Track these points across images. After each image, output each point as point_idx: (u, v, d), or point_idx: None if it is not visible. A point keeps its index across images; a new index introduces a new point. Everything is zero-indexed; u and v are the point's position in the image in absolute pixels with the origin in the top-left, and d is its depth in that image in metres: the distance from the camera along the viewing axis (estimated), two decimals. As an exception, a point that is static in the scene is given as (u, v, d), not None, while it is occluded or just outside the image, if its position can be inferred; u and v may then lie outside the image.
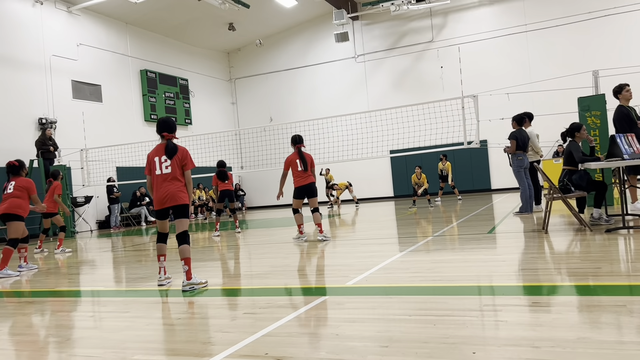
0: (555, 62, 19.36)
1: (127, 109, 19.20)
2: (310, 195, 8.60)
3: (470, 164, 20.97)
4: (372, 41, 22.60)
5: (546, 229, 7.14)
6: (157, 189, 5.40)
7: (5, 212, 7.37)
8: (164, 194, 5.34)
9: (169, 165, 5.37)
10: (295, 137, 8.77)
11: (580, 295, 3.87)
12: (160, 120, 5.61)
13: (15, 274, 7.46)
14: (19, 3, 15.55)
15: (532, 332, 2.96)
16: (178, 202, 5.36)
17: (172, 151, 5.37)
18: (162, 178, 5.38)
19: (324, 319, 3.65)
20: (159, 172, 5.39)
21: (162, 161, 5.39)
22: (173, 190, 5.34)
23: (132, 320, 4.18)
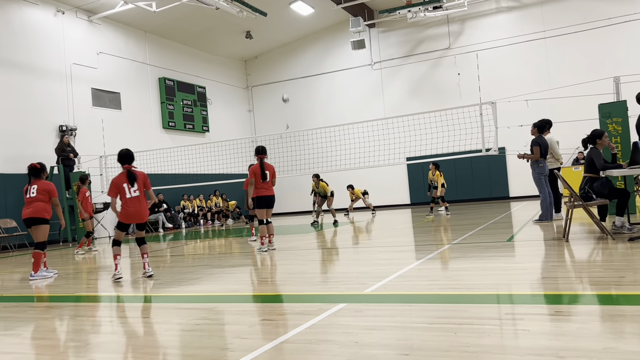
0: (574, 69, 19.15)
1: (146, 116, 19.42)
2: (269, 206, 8.87)
3: (488, 172, 20.80)
4: (389, 48, 22.59)
5: (567, 237, 7.03)
6: (128, 208, 6.75)
7: (31, 216, 7.51)
8: (134, 213, 6.77)
9: (137, 189, 6.78)
10: (258, 148, 9.00)
11: (603, 304, 3.80)
12: (120, 153, 6.94)
13: (50, 274, 7.67)
14: (41, 12, 15.85)
15: (555, 342, 2.90)
16: (144, 219, 6.95)
17: (133, 178, 6.77)
18: (132, 200, 6.75)
19: (342, 327, 3.62)
20: (129, 196, 6.75)
21: (131, 187, 6.76)
22: (141, 210, 6.81)
23: (151, 325, 4.20)
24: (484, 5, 20.85)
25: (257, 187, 8.84)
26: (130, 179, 6.76)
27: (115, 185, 6.77)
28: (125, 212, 6.76)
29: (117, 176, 6.88)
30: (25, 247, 14.08)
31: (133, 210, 6.74)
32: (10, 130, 14.55)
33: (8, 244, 13.73)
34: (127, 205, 6.75)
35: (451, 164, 20.68)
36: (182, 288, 5.90)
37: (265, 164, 8.92)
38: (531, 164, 9.78)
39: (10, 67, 14.78)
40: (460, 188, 21.29)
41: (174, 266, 8.01)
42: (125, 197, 6.74)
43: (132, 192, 6.73)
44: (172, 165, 17.92)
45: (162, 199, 18.34)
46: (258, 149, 9.00)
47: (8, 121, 14.53)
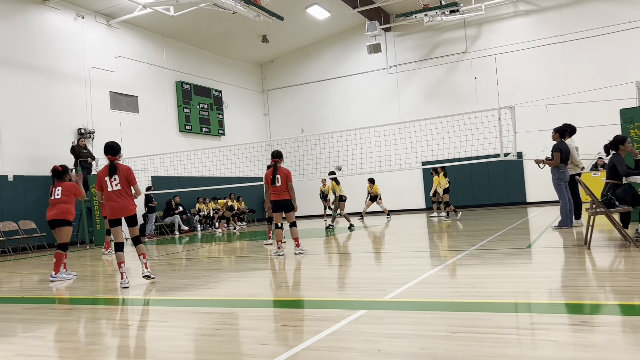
0: (593, 73, 18.91)
1: (163, 119, 19.57)
2: (286, 210, 8.87)
3: (505, 176, 20.60)
4: (405, 52, 22.52)
5: (589, 244, 6.92)
6: (110, 202, 6.58)
7: (55, 217, 7.64)
8: (117, 207, 6.58)
9: (118, 183, 6.57)
10: (274, 152, 9.05)
11: (628, 315, 3.72)
12: (105, 145, 6.77)
13: (69, 276, 7.76)
14: (61, 17, 16.06)
15: (584, 354, 2.84)
16: (128, 213, 6.63)
17: (113, 171, 6.56)
18: (114, 194, 6.57)
19: (364, 334, 3.59)
20: (110, 189, 6.58)
21: (112, 180, 6.57)
22: (123, 203, 6.59)
23: (170, 329, 4.20)
24: (502, 9, 20.70)
25: (271, 192, 8.93)
26: (111, 171, 6.57)
27: (98, 179, 6.66)
28: (109, 206, 6.61)
29: (101, 169, 6.78)
30: (44, 249, 14.25)
31: (115, 205, 6.57)
32: (29, 132, 14.75)
33: (27, 245, 13.90)
34: (109, 199, 6.60)
35: (467, 169, 20.53)
36: (199, 292, 5.91)
37: (279, 168, 8.93)
38: (552, 169, 9.66)
39: (30, 70, 14.99)
40: (477, 193, 21.13)
41: (190, 269, 8.03)
42: (107, 190, 6.59)
43: (114, 185, 6.55)
44: (189, 168, 18.01)
45: (179, 202, 18.44)
46: (273, 153, 9.08)
47: (28, 124, 14.73)
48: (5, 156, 14.11)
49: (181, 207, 18.48)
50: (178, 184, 18.17)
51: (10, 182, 14.09)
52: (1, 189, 13.82)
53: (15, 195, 14.12)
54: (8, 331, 4.52)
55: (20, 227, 13.85)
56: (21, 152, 14.48)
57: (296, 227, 9.05)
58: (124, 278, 6.53)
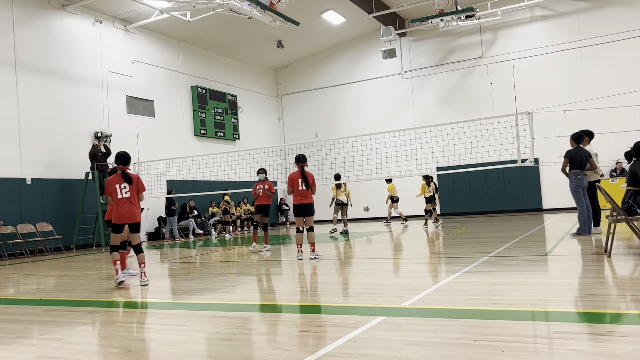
0: (611, 79, 18.69)
1: (178, 123, 19.69)
2: (306, 214, 8.90)
3: (520, 183, 20.41)
4: (420, 57, 22.45)
5: (609, 252, 6.81)
6: (119, 208, 6.94)
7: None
8: (126, 213, 6.94)
9: (128, 190, 6.97)
10: (299, 156, 9.10)
11: (657, 325, 3.64)
12: (117, 154, 7.20)
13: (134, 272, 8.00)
14: (80, 22, 16.26)
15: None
16: (136, 219, 7.03)
17: (128, 179, 6.97)
18: (124, 201, 6.95)
19: (384, 341, 3.55)
20: (120, 196, 6.95)
21: (122, 187, 6.95)
22: (132, 210, 6.97)
23: (189, 333, 4.19)
24: (518, 14, 20.56)
25: (296, 196, 8.90)
26: (125, 179, 6.97)
27: (109, 185, 6.99)
28: (118, 212, 6.95)
29: (111, 177, 7.08)
30: (60, 251, 14.38)
31: (125, 211, 6.93)
32: (48, 136, 14.92)
33: (44, 247, 14.04)
34: (119, 205, 6.95)
35: (483, 175, 20.39)
36: (216, 295, 5.91)
37: (306, 172, 9.01)
38: (570, 175, 9.54)
39: (49, 75, 15.18)
40: (492, 199, 20.96)
41: (206, 273, 8.05)
42: (117, 197, 6.96)
43: (124, 193, 6.94)
44: (203, 172, 18.11)
45: (193, 205, 18.52)
46: (298, 157, 9.09)
47: (46, 127, 14.90)
48: (24, 159, 14.28)
49: (195, 211, 18.55)
50: (193, 187, 18.26)
51: (29, 185, 14.25)
52: (19, 191, 13.99)
53: (33, 197, 14.28)
54: (27, 333, 4.56)
55: (38, 230, 14.00)
56: (39, 155, 14.65)
57: (313, 231, 9.07)
58: (118, 274, 7.06)
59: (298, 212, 8.92)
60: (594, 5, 19.41)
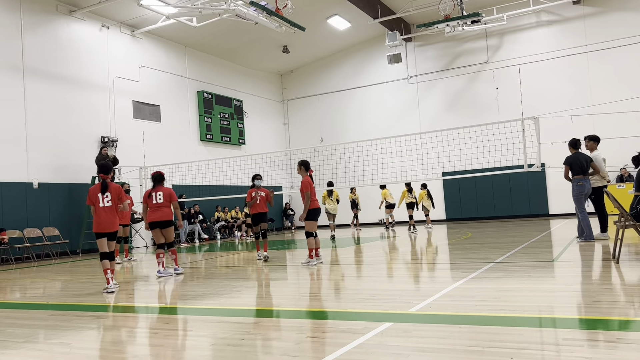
0: (617, 84, 18.64)
1: (184, 128, 19.76)
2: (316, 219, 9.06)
3: (527, 188, 20.33)
4: (425, 62, 22.46)
5: (617, 258, 6.76)
6: (99, 217, 7.08)
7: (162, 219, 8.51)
8: (104, 222, 7.07)
9: (110, 200, 7.11)
10: (308, 163, 9.12)
11: (667, 332, 3.61)
12: (99, 164, 7.50)
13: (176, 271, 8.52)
14: (87, 28, 16.36)
15: (622, 372, 2.76)
16: (113, 229, 7.17)
17: (105, 188, 7.12)
18: (104, 210, 7.10)
19: (392, 347, 3.53)
20: (101, 205, 7.10)
21: (104, 197, 7.11)
22: (111, 219, 7.12)
23: (196, 339, 4.19)
24: (524, 19, 20.55)
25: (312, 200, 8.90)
26: (103, 189, 7.11)
27: (91, 194, 7.17)
28: (97, 220, 7.11)
29: (93, 186, 7.27)
30: (66, 255, 14.42)
31: (103, 220, 7.07)
32: (54, 140, 14.99)
33: (51, 252, 14.08)
34: (98, 214, 7.11)
35: (489, 180, 20.32)
36: (223, 300, 5.91)
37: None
38: (572, 181, 9.53)
39: (56, 80, 15.27)
40: (498, 204, 20.89)
41: (212, 278, 8.04)
42: (99, 206, 7.12)
43: (105, 202, 7.09)
44: (209, 176, 18.14)
45: (198, 210, 18.55)
46: (308, 163, 9.08)
47: (53, 132, 14.98)
48: (31, 164, 14.35)
49: (201, 216, 18.58)
50: (198, 192, 18.29)
51: (35, 189, 14.32)
52: (26, 196, 14.05)
53: (39, 202, 14.34)
54: (34, 337, 4.56)
55: (44, 234, 14.05)
56: (46, 160, 14.72)
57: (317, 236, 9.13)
58: (109, 283, 7.03)
59: (315, 217, 8.93)
60: (600, 10, 19.37)
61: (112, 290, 6.97)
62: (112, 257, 7.19)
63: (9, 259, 13.12)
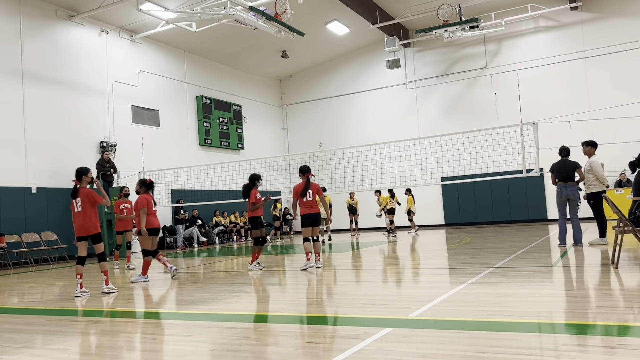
0: (616, 89, 18.69)
1: (183, 133, 19.76)
2: (314, 224, 8.99)
3: (525, 193, 20.35)
4: (424, 68, 22.51)
5: (616, 263, 6.76)
6: (75, 221, 7.23)
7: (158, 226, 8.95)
8: (78, 227, 7.19)
9: (81, 205, 7.19)
10: (304, 167, 9.19)
11: (667, 338, 3.60)
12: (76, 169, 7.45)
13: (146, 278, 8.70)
14: (87, 32, 16.39)
15: (623, 378, 2.75)
16: (91, 232, 7.21)
17: (74, 194, 7.24)
18: (77, 215, 7.21)
19: (392, 353, 3.53)
20: (76, 210, 7.23)
21: (77, 202, 7.22)
22: (85, 223, 7.18)
23: (195, 344, 4.17)
24: (522, 25, 20.62)
25: (302, 206, 8.96)
26: (73, 194, 7.26)
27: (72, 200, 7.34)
28: (75, 225, 7.26)
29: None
30: (64, 260, 14.38)
31: (78, 224, 7.21)
32: (53, 145, 14.98)
33: (49, 257, 14.04)
34: (75, 219, 7.26)
35: (487, 185, 20.33)
36: (221, 306, 5.89)
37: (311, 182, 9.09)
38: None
39: (55, 84, 15.28)
40: (497, 210, 20.90)
41: (211, 283, 8.02)
42: (74, 211, 7.28)
43: (77, 207, 7.22)
44: (208, 181, 18.12)
45: (197, 215, 18.53)
46: (304, 168, 9.18)
47: (52, 136, 14.97)
48: (29, 168, 14.34)
49: (200, 220, 18.56)
50: (197, 197, 18.27)
51: (34, 194, 14.29)
52: (24, 200, 14.02)
53: (38, 206, 14.31)
54: (33, 342, 4.54)
55: (43, 239, 14.01)
56: (45, 165, 14.70)
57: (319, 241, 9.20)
58: (77, 288, 7.15)
59: (307, 222, 8.95)
60: (598, 16, 19.46)
61: (78, 295, 7.07)
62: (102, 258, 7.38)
63: (7, 263, 13.08)
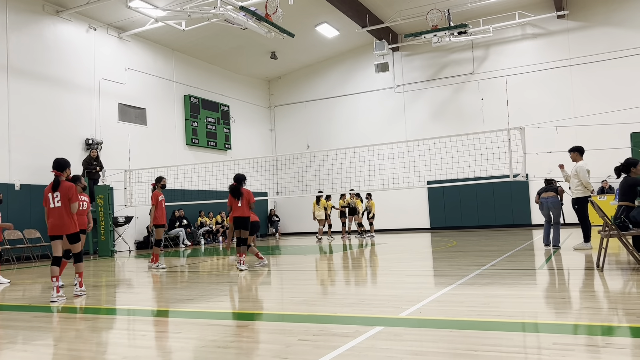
0: (601, 97, 18.98)
1: (170, 132, 19.62)
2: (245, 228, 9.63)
3: (510, 198, 20.55)
4: (412, 72, 22.65)
5: (602, 267, 6.86)
6: (50, 218, 6.57)
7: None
8: (54, 224, 6.54)
9: (59, 199, 6.54)
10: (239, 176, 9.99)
11: (655, 338, 3.66)
12: (54, 160, 6.81)
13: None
14: (74, 29, 16.21)
15: (614, 375, 2.79)
16: (69, 230, 6.58)
17: (56, 185, 6.56)
18: (53, 211, 6.55)
19: (384, 350, 3.53)
20: (52, 206, 6.56)
21: (54, 196, 6.56)
22: (63, 221, 6.53)
23: (185, 341, 4.14)
24: (509, 32, 20.86)
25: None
26: (54, 187, 6.57)
27: (44, 194, 6.65)
28: (49, 222, 6.59)
29: (48, 185, 6.70)
30: (47, 258, 14.17)
31: (53, 222, 6.53)
32: (38, 141, 14.77)
33: (31, 254, 13.84)
34: (50, 215, 6.57)
35: (473, 190, 20.50)
36: (210, 304, 5.86)
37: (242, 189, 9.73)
38: None
39: (41, 80, 15.08)
40: (482, 214, 21.06)
41: (198, 282, 7.97)
42: (49, 206, 6.58)
43: (55, 202, 6.54)
44: (194, 181, 18.01)
45: (183, 215, 18.40)
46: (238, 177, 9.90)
47: (36, 133, 14.76)
48: (13, 164, 14.13)
49: (185, 220, 18.42)
50: (183, 196, 18.13)
51: (17, 191, 14.08)
52: (8, 197, 13.78)
53: (21, 204, 14.10)
54: (19, 338, 4.47)
55: (25, 236, 13.80)
56: (29, 161, 14.49)
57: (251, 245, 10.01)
58: (52, 292, 6.47)
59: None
60: (583, 25, 19.75)
61: (54, 300, 6.39)
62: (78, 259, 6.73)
63: (-12, 261, 12.83)
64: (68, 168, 6.80)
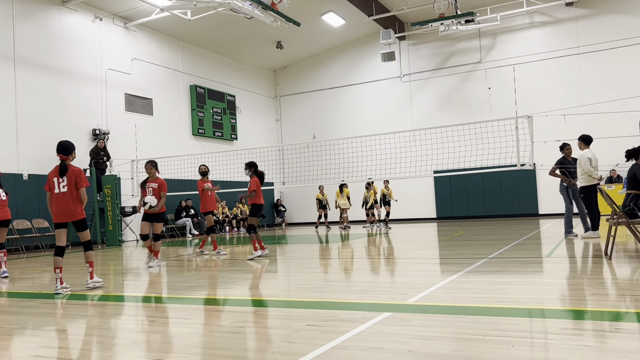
0: (609, 85, 18.82)
1: (176, 122, 19.65)
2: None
3: (517, 187, 20.48)
4: (419, 61, 22.52)
5: (610, 254, 6.84)
6: (55, 205, 6.22)
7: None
8: (60, 211, 6.18)
9: (66, 184, 6.17)
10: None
11: (664, 323, 3.65)
12: (58, 143, 6.41)
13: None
14: (80, 19, 16.21)
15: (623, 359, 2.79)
16: (76, 217, 6.23)
17: (64, 170, 6.19)
18: (59, 197, 6.18)
19: (392, 335, 3.54)
20: (57, 191, 6.19)
21: (60, 181, 6.19)
22: (69, 208, 6.17)
23: (194, 326, 4.17)
24: (517, 20, 20.68)
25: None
26: (61, 171, 6.19)
27: (49, 178, 6.26)
28: (54, 209, 6.24)
29: (52, 170, 6.35)
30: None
31: (59, 208, 6.17)
32: (45, 132, 14.82)
33: (40, 244, 13.95)
34: (55, 201, 6.21)
35: (479, 179, 20.45)
36: (218, 291, 5.89)
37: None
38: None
39: (48, 70, 15.11)
40: (489, 203, 21.02)
41: (206, 270, 8.01)
42: (54, 192, 6.21)
43: (61, 187, 6.15)
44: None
45: (190, 205, 18.46)
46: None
47: (43, 123, 14.82)
48: (21, 155, 14.20)
49: (192, 210, 18.49)
50: (190, 186, 18.17)
51: (25, 181, 14.17)
52: (16, 187, 13.88)
53: (29, 193, 14.19)
54: (30, 324, 4.52)
55: (34, 226, 13.91)
56: (36, 151, 14.55)
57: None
58: (57, 284, 6.14)
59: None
60: (592, 13, 19.55)
61: (59, 292, 6.07)
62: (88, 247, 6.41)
63: (-3, 250, 12.94)
64: (73, 151, 6.42)
